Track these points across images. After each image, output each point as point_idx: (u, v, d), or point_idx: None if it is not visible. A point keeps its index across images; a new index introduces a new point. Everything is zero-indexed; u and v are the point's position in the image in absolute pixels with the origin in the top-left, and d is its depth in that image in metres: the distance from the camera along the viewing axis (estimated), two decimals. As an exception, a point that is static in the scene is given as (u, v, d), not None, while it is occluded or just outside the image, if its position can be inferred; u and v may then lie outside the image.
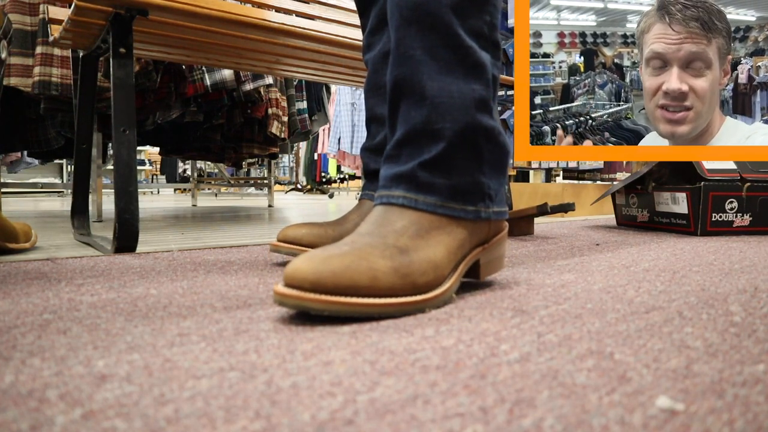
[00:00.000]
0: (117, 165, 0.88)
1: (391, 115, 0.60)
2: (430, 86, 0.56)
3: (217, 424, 0.26)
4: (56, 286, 0.60)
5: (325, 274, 0.45)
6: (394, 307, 0.47)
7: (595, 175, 2.72)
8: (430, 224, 0.54)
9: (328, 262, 0.46)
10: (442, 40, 0.56)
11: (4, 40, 0.82)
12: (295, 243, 0.76)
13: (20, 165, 3.51)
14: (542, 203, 1.22)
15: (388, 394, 0.30)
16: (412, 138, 0.57)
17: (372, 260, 0.48)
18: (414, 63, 0.56)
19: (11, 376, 0.32)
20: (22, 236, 0.93)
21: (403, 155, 0.57)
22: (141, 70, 1.62)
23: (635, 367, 0.35)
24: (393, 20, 0.58)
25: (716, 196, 1.27)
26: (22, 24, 1.54)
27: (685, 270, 0.76)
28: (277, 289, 0.46)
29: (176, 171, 6.52)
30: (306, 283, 0.44)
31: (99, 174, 1.83)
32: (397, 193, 0.56)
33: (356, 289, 0.46)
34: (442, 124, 0.56)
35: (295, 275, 0.45)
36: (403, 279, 0.48)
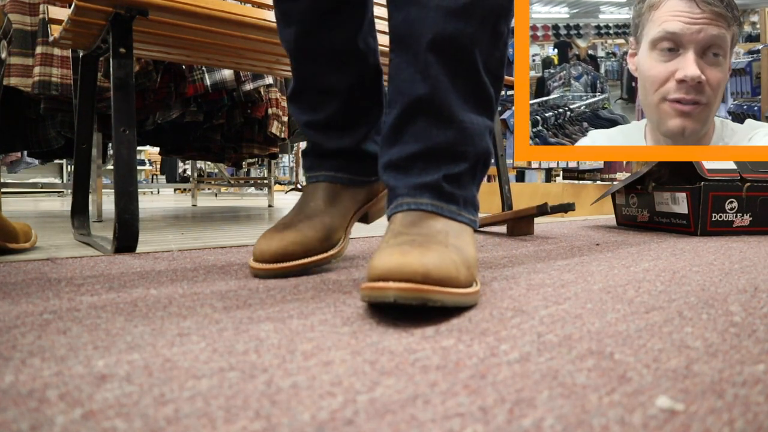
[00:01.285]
0: (117, 165, 0.88)
1: (398, 124, 0.63)
2: (457, 112, 0.61)
3: (217, 424, 0.26)
4: (56, 286, 0.60)
5: (430, 267, 0.46)
6: (473, 296, 0.51)
7: (595, 175, 2.72)
8: (455, 228, 0.58)
9: (424, 256, 0.47)
10: (466, 73, 0.62)
11: (4, 40, 0.82)
12: (294, 258, 0.68)
13: (20, 165, 3.51)
14: (542, 203, 1.21)
15: (388, 394, 0.30)
16: (433, 154, 0.61)
17: (447, 254, 0.49)
18: (442, 87, 0.61)
19: (11, 376, 0.32)
20: (22, 236, 0.93)
21: (417, 168, 0.61)
22: (141, 70, 1.62)
23: (635, 367, 0.35)
24: (423, 43, 0.60)
25: (716, 196, 1.27)
26: (22, 24, 1.54)
27: (685, 270, 0.76)
28: (382, 285, 0.45)
29: (176, 171, 6.52)
30: (418, 276, 0.45)
31: (99, 174, 1.83)
32: (425, 200, 0.60)
33: (450, 280, 0.47)
34: (466, 147, 0.62)
35: (403, 269, 0.45)
36: (468, 271, 0.52)
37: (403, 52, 0.62)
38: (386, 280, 0.45)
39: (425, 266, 0.46)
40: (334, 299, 0.55)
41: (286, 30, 0.74)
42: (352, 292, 0.58)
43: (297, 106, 0.78)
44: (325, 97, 0.76)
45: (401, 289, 0.45)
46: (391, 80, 0.64)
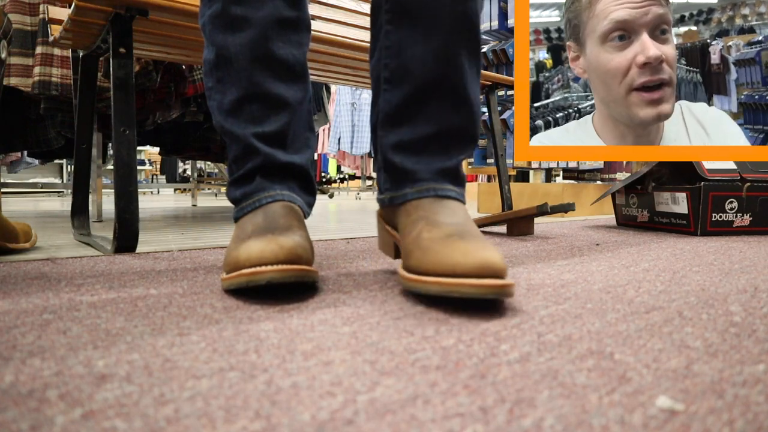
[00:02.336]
0: (117, 165, 0.88)
1: (408, 104, 0.62)
2: (472, 92, 0.62)
3: (217, 424, 0.26)
4: (56, 286, 0.60)
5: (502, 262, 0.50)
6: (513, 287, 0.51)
7: (595, 175, 2.72)
8: (467, 213, 0.60)
9: (492, 251, 0.50)
10: (476, 52, 0.62)
11: (4, 40, 0.82)
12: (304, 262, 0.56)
13: (20, 165, 3.51)
14: (542, 203, 1.21)
15: (388, 394, 0.30)
16: (450, 136, 0.61)
17: (493, 246, 0.53)
18: (460, 66, 0.61)
19: (11, 376, 0.32)
20: (22, 236, 0.93)
21: (431, 151, 0.61)
22: (141, 70, 1.62)
23: (635, 367, 0.35)
24: (439, 19, 0.60)
25: (716, 196, 1.27)
26: (22, 24, 1.54)
27: (685, 270, 0.76)
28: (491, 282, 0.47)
29: (176, 171, 6.52)
30: (503, 272, 0.49)
31: (99, 174, 1.83)
32: (449, 186, 0.61)
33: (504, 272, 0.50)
34: (475, 129, 0.63)
35: (495, 266, 0.48)
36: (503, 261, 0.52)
37: (414, 26, 0.60)
38: (482, 277, 0.48)
39: (502, 262, 0.50)
40: (334, 299, 0.55)
41: (237, 35, 0.65)
42: (352, 292, 0.58)
43: (239, 117, 0.67)
44: (275, 110, 0.67)
45: (501, 286, 0.48)
46: (391, 54, 0.62)
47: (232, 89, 0.67)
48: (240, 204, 0.66)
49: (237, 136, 0.66)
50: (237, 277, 0.54)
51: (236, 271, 0.55)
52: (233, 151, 0.68)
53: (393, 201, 0.64)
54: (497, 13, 2.40)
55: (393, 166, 0.64)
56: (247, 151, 0.66)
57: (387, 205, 0.66)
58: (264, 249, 0.53)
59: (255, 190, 0.65)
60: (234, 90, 0.66)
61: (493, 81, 1.60)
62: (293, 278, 0.53)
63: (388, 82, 0.63)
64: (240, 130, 0.66)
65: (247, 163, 0.66)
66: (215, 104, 0.68)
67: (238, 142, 0.67)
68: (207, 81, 0.69)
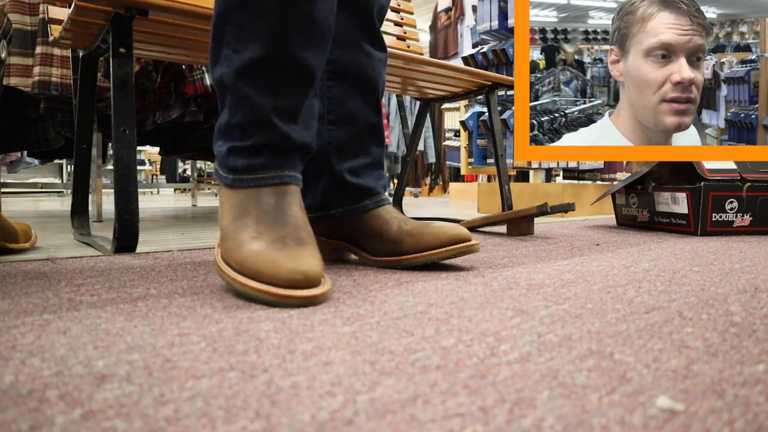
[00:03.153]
0: (117, 165, 0.88)
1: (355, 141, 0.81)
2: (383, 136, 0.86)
3: (217, 424, 0.26)
4: (56, 286, 0.60)
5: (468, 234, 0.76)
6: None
7: (595, 175, 2.72)
8: None
9: (459, 228, 0.75)
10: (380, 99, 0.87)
11: (4, 40, 0.82)
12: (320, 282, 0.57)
13: (20, 165, 3.51)
14: (542, 203, 1.21)
15: (388, 394, 0.30)
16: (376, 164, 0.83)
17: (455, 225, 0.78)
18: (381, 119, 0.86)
19: (11, 376, 0.32)
20: (22, 236, 0.93)
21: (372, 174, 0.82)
22: (141, 70, 1.62)
23: (635, 367, 0.35)
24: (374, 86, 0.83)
25: (716, 196, 1.27)
26: (22, 24, 1.54)
27: (685, 270, 0.76)
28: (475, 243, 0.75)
29: (176, 171, 6.52)
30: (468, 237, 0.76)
31: (99, 174, 1.83)
32: (386, 196, 0.83)
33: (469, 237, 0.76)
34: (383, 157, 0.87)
35: (466, 237, 0.74)
36: None
37: (355, 87, 0.80)
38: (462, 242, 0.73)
39: (468, 234, 0.75)
40: (334, 299, 0.55)
41: None
42: (352, 292, 0.58)
43: (255, 82, 0.62)
44: (297, 79, 0.64)
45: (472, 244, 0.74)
46: (337, 102, 0.80)
47: (256, 44, 0.61)
48: (240, 174, 0.63)
49: (252, 103, 0.62)
50: (262, 292, 0.52)
51: (257, 280, 0.53)
52: (242, 116, 0.63)
53: (350, 212, 0.80)
54: (497, 13, 2.40)
55: (350, 186, 0.79)
56: (262, 124, 0.63)
57: (339, 217, 0.80)
58: (295, 270, 0.52)
59: (262, 165, 0.63)
60: (258, 46, 0.61)
61: (493, 81, 1.59)
62: (316, 304, 0.52)
63: (334, 123, 0.80)
64: (257, 98, 0.62)
65: (258, 136, 0.63)
66: (229, 53, 0.62)
67: (251, 110, 0.63)
68: (223, 20, 0.62)
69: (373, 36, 0.81)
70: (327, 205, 0.81)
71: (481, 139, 2.64)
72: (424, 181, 5.94)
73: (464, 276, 0.69)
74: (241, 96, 0.63)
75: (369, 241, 0.78)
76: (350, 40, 0.79)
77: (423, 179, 5.89)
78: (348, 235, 0.81)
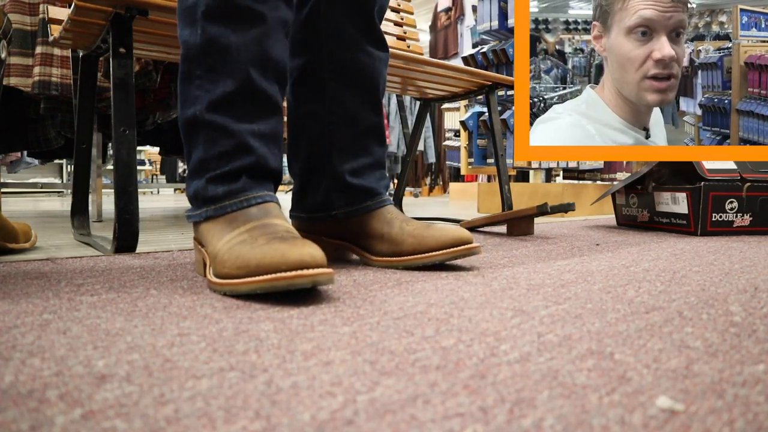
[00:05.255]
0: (117, 165, 0.88)
1: (356, 141, 0.83)
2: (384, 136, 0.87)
3: (217, 424, 0.26)
4: (56, 286, 0.60)
5: (469, 235, 0.77)
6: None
7: (595, 175, 2.72)
8: None
9: (459, 230, 0.76)
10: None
11: (4, 40, 0.82)
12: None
13: (20, 165, 3.51)
14: (542, 203, 1.21)
15: (388, 394, 0.30)
16: (378, 164, 0.85)
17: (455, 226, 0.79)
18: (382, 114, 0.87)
19: (11, 376, 0.32)
20: (22, 236, 0.93)
21: (373, 174, 0.83)
22: (141, 70, 1.62)
23: (635, 367, 0.35)
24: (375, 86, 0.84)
25: (716, 196, 1.27)
26: (22, 24, 1.54)
27: (685, 270, 0.76)
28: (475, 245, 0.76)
29: (176, 171, 6.52)
30: (470, 239, 0.76)
31: (99, 174, 1.83)
32: (388, 196, 0.83)
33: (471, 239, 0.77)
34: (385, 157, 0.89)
35: (464, 238, 0.74)
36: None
37: (355, 87, 0.81)
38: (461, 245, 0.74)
39: (469, 235, 0.76)
40: (334, 299, 0.55)
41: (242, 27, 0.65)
42: (352, 292, 0.58)
43: (231, 112, 0.65)
44: (268, 110, 0.68)
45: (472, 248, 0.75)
46: (338, 102, 0.81)
47: (226, 80, 0.65)
48: (221, 202, 0.64)
49: (230, 131, 0.65)
50: (273, 280, 0.52)
51: (265, 274, 0.53)
52: (220, 146, 0.65)
53: (352, 213, 0.80)
54: (497, 13, 2.40)
55: (352, 187, 0.80)
56: (240, 148, 0.65)
57: (340, 218, 0.81)
58: (302, 252, 0.53)
59: (242, 189, 0.64)
60: (229, 81, 0.65)
61: (493, 81, 1.59)
62: (329, 281, 0.53)
63: (334, 123, 0.81)
64: (235, 125, 0.65)
65: (237, 160, 0.65)
66: (200, 93, 0.65)
67: (230, 137, 0.65)
68: (191, 66, 0.66)
69: (374, 35, 0.82)
70: (329, 206, 0.82)
71: (481, 139, 2.64)
72: (424, 181, 5.94)
73: (464, 276, 0.69)
74: (217, 128, 0.65)
75: (370, 241, 0.79)
76: (351, 40, 0.80)
77: (423, 179, 5.89)
78: (349, 235, 0.82)
